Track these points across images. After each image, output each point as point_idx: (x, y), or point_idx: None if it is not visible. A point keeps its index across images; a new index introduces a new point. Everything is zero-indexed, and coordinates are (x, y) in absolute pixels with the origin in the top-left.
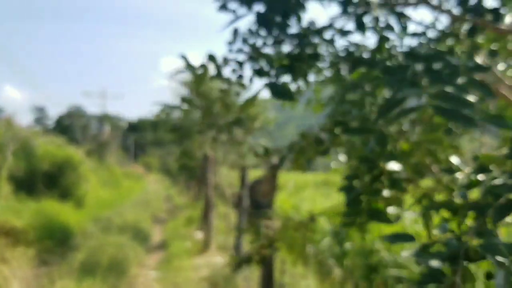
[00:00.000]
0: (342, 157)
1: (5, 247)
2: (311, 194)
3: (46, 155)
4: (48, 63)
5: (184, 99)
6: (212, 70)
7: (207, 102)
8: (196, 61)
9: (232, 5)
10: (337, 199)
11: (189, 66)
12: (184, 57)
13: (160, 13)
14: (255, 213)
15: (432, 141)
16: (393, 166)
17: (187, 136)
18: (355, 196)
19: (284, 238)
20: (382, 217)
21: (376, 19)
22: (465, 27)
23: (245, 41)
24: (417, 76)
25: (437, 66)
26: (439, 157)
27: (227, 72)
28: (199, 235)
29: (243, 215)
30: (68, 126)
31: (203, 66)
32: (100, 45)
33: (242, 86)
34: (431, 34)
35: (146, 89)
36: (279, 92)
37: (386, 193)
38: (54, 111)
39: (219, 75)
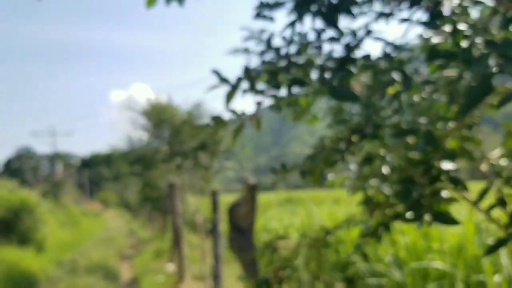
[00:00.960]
0: (354, 167)
1: None
2: (277, 212)
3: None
4: None
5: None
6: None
7: (172, 129)
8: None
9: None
10: (304, 216)
11: (223, 80)
12: (216, 72)
13: (106, 47)
14: (235, 238)
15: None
16: (448, 165)
17: (151, 165)
18: (416, 200)
19: (301, 257)
20: (448, 219)
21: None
22: None
23: (277, 50)
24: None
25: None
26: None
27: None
28: (170, 267)
29: (218, 241)
30: (18, 168)
31: (239, 80)
32: (45, 83)
33: (277, 98)
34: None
35: (96, 123)
36: (343, 94)
37: (445, 193)
38: (1, 154)
39: (252, 88)
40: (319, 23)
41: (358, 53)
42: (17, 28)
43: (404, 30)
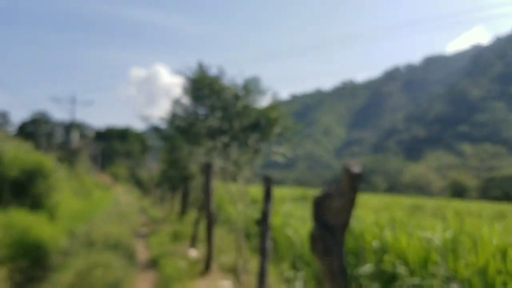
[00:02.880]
0: None
1: None
2: (292, 208)
3: (14, 161)
4: (15, 67)
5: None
6: None
7: (223, 103)
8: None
9: None
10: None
11: None
12: None
13: (130, 25)
14: (322, 238)
15: None
16: None
17: (193, 141)
18: None
19: None
20: None
21: None
22: None
23: None
24: None
25: None
26: None
27: None
28: (193, 253)
29: (267, 234)
30: (32, 132)
31: None
32: (70, 52)
33: None
34: None
35: (114, 98)
36: None
37: None
38: (17, 117)
39: None
40: None
41: None
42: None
43: None
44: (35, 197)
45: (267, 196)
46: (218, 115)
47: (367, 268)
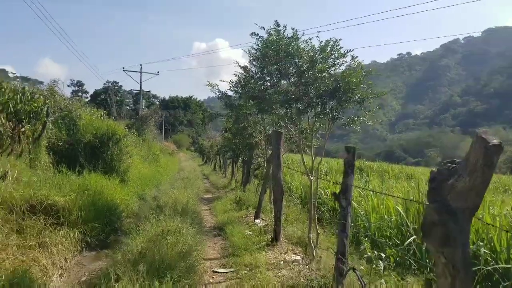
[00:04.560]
0: None
1: (45, 228)
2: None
3: (88, 126)
4: (89, 40)
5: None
6: None
7: (298, 67)
8: None
9: None
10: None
11: None
12: None
13: (194, 2)
14: (441, 223)
15: None
16: None
17: (266, 109)
18: None
19: None
20: None
21: None
22: None
23: None
24: None
25: None
26: None
27: None
28: (259, 223)
29: (349, 209)
30: (104, 100)
31: None
32: (139, 29)
33: None
34: None
35: (177, 69)
36: None
37: None
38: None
39: None
40: None
41: None
42: None
43: None
44: (107, 161)
45: (349, 167)
46: (292, 80)
47: None
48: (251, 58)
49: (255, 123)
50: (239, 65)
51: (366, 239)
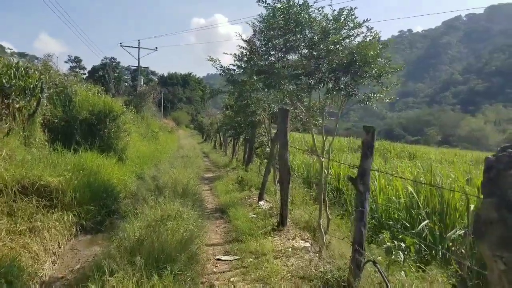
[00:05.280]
0: None
1: (37, 211)
2: (352, 159)
3: (84, 103)
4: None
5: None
6: None
7: (309, 38)
8: None
9: None
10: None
11: None
12: None
13: None
14: (498, 220)
15: None
16: None
17: (273, 85)
18: None
19: None
20: None
21: None
22: None
23: None
24: None
25: None
26: None
27: None
28: (264, 205)
29: (367, 195)
30: (102, 77)
31: None
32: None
33: None
34: None
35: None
36: None
37: None
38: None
39: None
40: None
41: None
42: None
43: None
44: (104, 139)
45: (368, 149)
46: (303, 52)
47: (456, 232)
48: (255, 30)
49: (258, 100)
50: (242, 39)
51: (373, 221)
